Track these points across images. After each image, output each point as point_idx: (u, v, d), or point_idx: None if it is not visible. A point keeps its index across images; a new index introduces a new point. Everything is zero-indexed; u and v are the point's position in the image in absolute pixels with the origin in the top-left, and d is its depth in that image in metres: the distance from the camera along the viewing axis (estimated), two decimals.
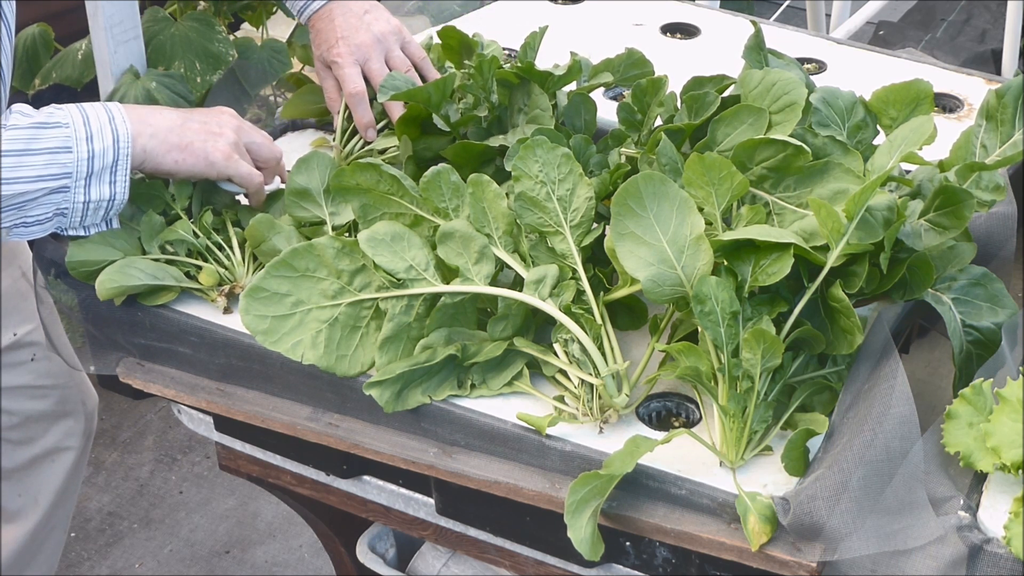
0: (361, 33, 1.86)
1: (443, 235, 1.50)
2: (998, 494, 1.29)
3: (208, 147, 1.63)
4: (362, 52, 1.85)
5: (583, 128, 1.74)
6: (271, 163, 1.71)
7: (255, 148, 1.69)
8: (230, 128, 1.66)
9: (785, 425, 1.41)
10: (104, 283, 1.58)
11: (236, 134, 1.66)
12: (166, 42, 2.88)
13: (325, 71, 1.89)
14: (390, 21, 1.90)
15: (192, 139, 1.62)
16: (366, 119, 1.85)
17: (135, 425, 3.29)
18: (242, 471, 1.79)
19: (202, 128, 1.64)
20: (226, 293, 1.62)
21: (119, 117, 1.57)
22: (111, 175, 1.56)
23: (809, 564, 1.30)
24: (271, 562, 2.92)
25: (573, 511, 1.34)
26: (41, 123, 1.53)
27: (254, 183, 1.67)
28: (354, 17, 1.87)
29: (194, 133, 1.63)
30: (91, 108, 1.57)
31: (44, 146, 1.52)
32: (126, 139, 1.56)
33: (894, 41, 3.94)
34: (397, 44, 1.88)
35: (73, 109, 1.57)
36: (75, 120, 1.55)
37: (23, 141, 1.51)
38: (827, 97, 1.58)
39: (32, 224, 1.55)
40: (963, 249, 1.49)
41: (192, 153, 1.62)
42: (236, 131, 1.67)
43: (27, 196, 1.52)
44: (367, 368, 1.51)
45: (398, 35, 1.89)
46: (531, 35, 1.81)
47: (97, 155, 1.55)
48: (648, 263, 1.40)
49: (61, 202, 1.55)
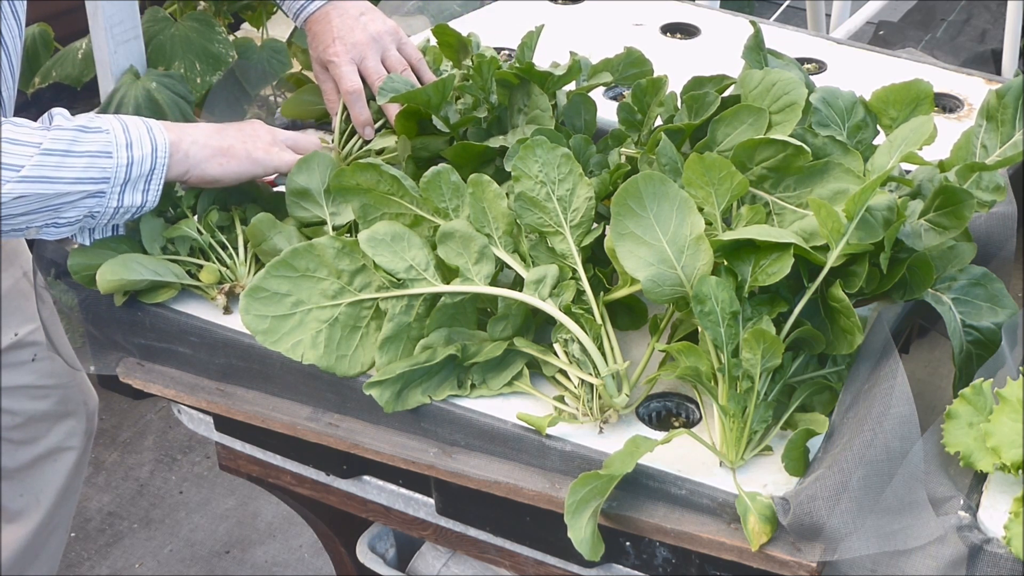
0: (357, 32, 1.86)
1: (443, 235, 1.50)
2: (998, 494, 1.29)
3: (249, 147, 1.67)
4: (358, 51, 1.86)
5: (583, 128, 1.74)
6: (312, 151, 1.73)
7: (292, 140, 1.73)
8: (264, 130, 1.71)
9: (785, 425, 1.41)
10: (105, 275, 1.58)
11: (271, 134, 1.71)
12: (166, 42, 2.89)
13: (323, 72, 1.90)
14: (386, 22, 1.90)
15: (232, 143, 1.66)
16: (363, 117, 1.86)
17: (135, 425, 3.29)
18: (242, 471, 1.79)
19: (239, 133, 1.68)
20: (226, 292, 1.62)
21: (157, 128, 1.60)
22: (146, 183, 1.58)
23: (809, 564, 1.30)
24: (271, 562, 2.92)
25: (573, 511, 1.34)
26: (83, 127, 1.54)
27: None
28: (350, 18, 1.88)
29: (232, 138, 1.66)
30: (129, 119, 1.59)
31: (86, 149, 1.53)
32: (164, 149, 1.58)
33: (894, 41, 3.94)
34: (393, 44, 1.89)
35: (111, 118, 1.58)
36: (115, 127, 1.56)
37: (66, 142, 1.51)
38: (827, 97, 1.58)
39: (63, 225, 1.56)
40: (963, 249, 1.49)
41: (235, 156, 1.65)
42: (271, 132, 1.72)
43: (65, 198, 1.53)
44: (367, 368, 1.51)
45: (394, 35, 1.89)
46: (528, 34, 1.81)
47: (136, 162, 1.56)
48: (648, 263, 1.40)
49: (95, 206, 1.56)
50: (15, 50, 1.67)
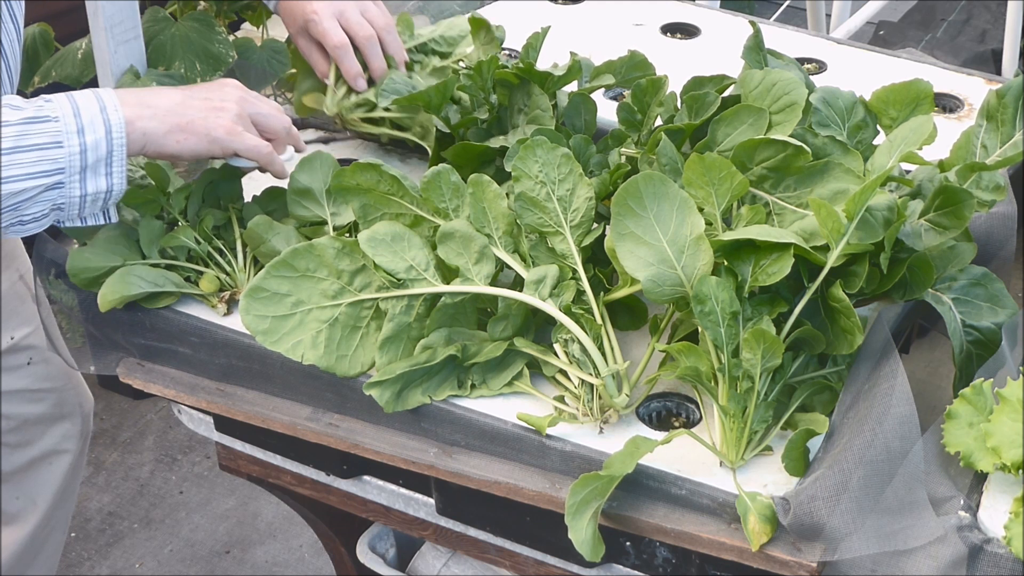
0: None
1: (443, 235, 1.50)
2: (998, 494, 1.29)
3: (210, 124, 1.58)
4: (337, 6, 1.84)
5: (583, 128, 1.74)
6: (280, 133, 1.67)
7: (261, 119, 1.65)
8: (233, 101, 1.62)
9: (785, 425, 1.41)
10: (106, 295, 1.59)
11: (239, 106, 1.62)
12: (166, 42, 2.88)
13: (306, 41, 1.88)
14: None
15: (193, 117, 1.58)
16: (354, 69, 1.84)
17: (135, 425, 3.29)
18: (242, 471, 1.79)
19: (204, 104, 1.60)
20: (227, 300, 1.62)
21: (111, 105, 1.52)
22: (106, 167, 1.52)
23: (809, 564, 1.30)
24: (271, 562, 2.92)
25: (574, 512, 1.34)
26: (30, 118, 1.48)
27: (263, 153, 1.63)
28: None
29: (195, 111, 1.58)
30: (83, 98, 1.52)
31: (33, 143, 1.48)
32: (119, 128, 1.52)
33: (894, 41, 3.94)
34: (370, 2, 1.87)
35: (63, 101, 1.52)
36: (65, 113, 1.50)
37: (12, 139, 1.47)
38: (827, 97, 1.58)
39: (29, 222, 1.52)
40: (963, 249, 1.49)
41: (194, 132, 1.57)
42: (239, 103, 1.63)
43: (22, 195, 1.48)
44: (367, 368, 1.51)
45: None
46: (534, 35, 1.80)
47: (90, 148, 1.50)
48: (648, 263, 1.40)
49: (57, 198, 1.51)
50: (14, 55, 1.66)
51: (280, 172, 1.68)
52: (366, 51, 1.84)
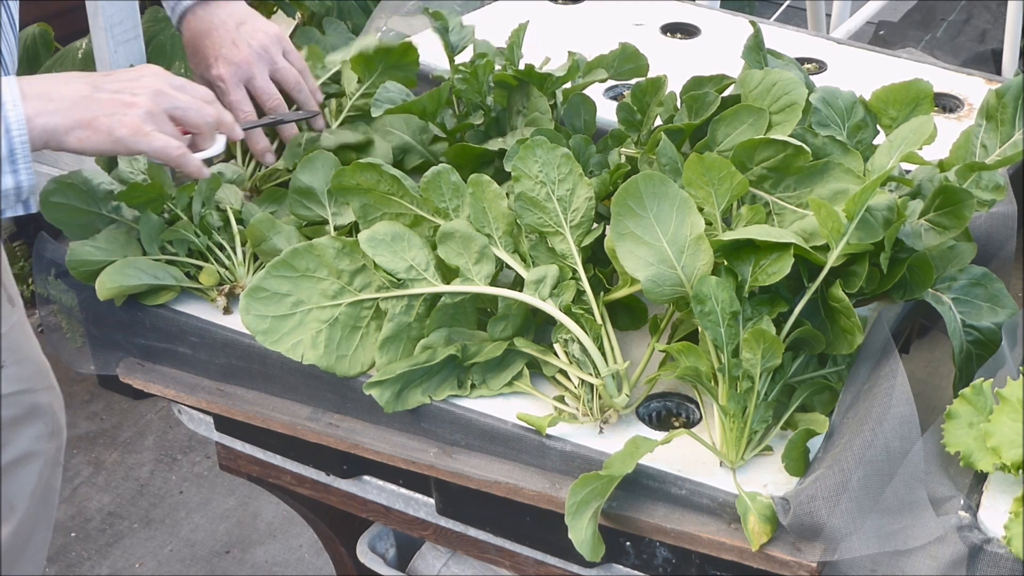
0: (241, 49, 1.75)
1: (443, 235, 1.50)
2: (998, 494, 1.29)
3: (114, 121, 1.47)
4: (244, 70, 1.75)
5: (583, 128, 1.74)
6: (202, 128, 1.55)
7: (179, 113, 1.52)
8: (146, 95, 1.49)
9: (785, 425, 1.41)
10: (104, 283, 1.58)
11: (153, 100, 1.49)
12: (166, 42, 2.89)
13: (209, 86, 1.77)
14: (268, 29, 1.78)
15: (98, 113, 1.46)
16: (261, 145, 1.77)
17: (135, 425, 3.29)
18: (242, 471, 1.79)
19: (112, 99, 1.48)
20: (226, 293, 1.62)
21: (10, 101, 1.43)
22: (11, 165, 1.42)
23: (809, 564, 1.30)
24: (271, 562, 2.92)
25: (574, 512, 1.34)
26: None
27: (170, 156, 1.50)
28: (230, 31, 1.76)
29: (102, 105, 1.47)
30: None
31: None
32: (19, 126, 1.42)
33: (894, 41, 3.94)
34: (279, 53, 1.77)
35: None
36: None
37: None
38: (827, 97, 1.58)
39: None
40: (963, 249, 1.49)
41: (96, 130, 1.46)
42: (153, 96, 1.50)
43: None
44: (367, 368, 1.51)
45: (278, 43, 1.78)
46: (513, 32, 1.80)
47: None
48: (648, 263, 1.40)
49: None
50: (11, 55, 1.65)
51: (195, 173, 1.57)
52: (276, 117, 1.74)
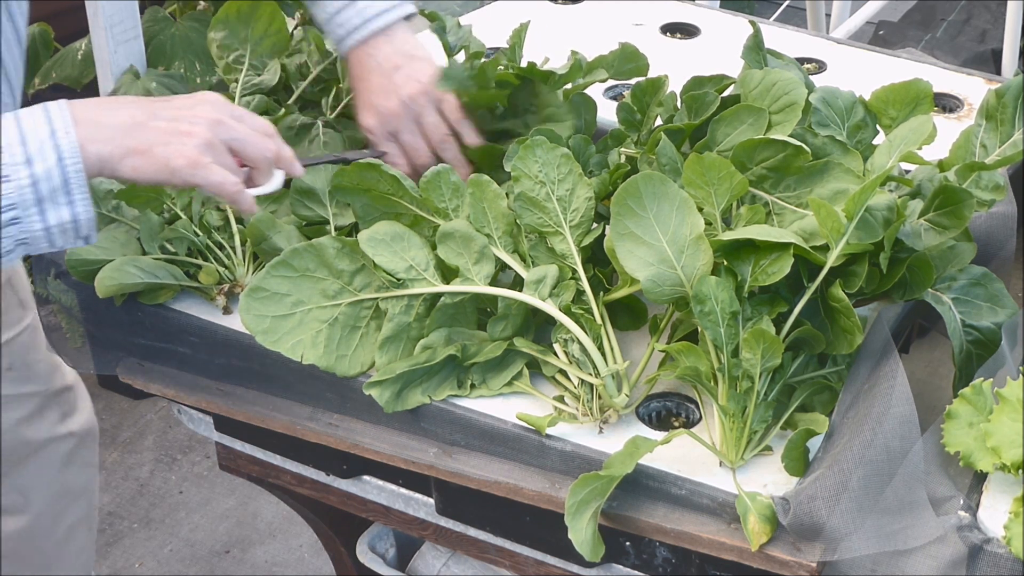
0: (391, 98, 1.72)
1: (443, 235, 1.50)
2: (998, 494, 1.29)
3: (171, 152, 1.38)
4: (392, 123, 1.73)
5: (583, 128, 1.74)
6: (260, 163, 1.47)
7: (237, 146, 1.44)
8: (204, 124, 1.41)
9: (785, 425, 1.41)
10: (103, 281, 1.58)
11: (211, 131, 1.41)
12: (166, 42, 2.89)
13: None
14: (421, 78, 1.73)
15: (153, 141, 1.37)
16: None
17: (135, 425, 3.29)
18: (242, 471, 1.79)
19: (168, 127, 1.39)
20: (226, 292, 1.62)
21: (62, 128, 1.33)
22: (66, 195, 1.32)
23: (809, 564, 1.30)
24: (271, 562, 2.92)
25: (574, 512, 1.34)
26: None
27: (226, 192, 1.42)
28: (386, 75, 1.73)
29: (157, 133, 1.38)
30: (29, 121, 1.33)
31: None
32: (72, 154, 1.32)
33: (894, 41, 3.94)
34: (429, 106, 1.73)
35: (10, 126, 1.32)
36: (10, 140, 1.31)
37: None
38: (827, 97, 1.58)
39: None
40: (963, 249, 1.48)
41: (152, 159, 1.37)
42: (212, 127, 1.41)
43: None
44: (367, 368, 1.51)
45: (429, 95, 1.73)
46: (515, 32, 1.80)
47: (41, 179, 1.31)
48: (648, 263, 1.40)
49: (18, 233, 1.32)
50: (12, 58, 1.63)
51: (247, 211, 1.48)
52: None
